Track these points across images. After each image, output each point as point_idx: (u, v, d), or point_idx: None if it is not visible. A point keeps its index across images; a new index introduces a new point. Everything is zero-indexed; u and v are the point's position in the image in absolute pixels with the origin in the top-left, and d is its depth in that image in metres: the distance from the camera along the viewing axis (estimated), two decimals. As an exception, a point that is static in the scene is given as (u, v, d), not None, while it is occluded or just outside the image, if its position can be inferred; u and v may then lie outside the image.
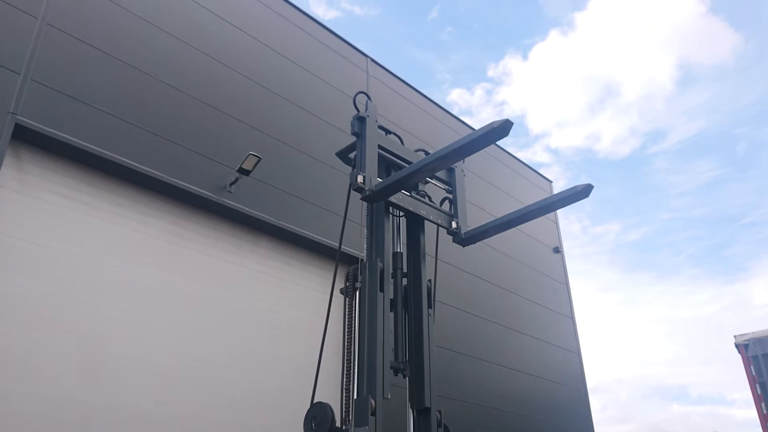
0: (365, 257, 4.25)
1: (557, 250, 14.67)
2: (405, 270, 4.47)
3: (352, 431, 3.61)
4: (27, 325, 6.01)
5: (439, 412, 4.05)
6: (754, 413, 11.30)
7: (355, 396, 3.79)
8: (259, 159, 7.68)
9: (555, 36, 54.61)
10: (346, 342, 4.07)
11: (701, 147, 55.03)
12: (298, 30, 10.37)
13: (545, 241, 14.40)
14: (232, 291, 7.90)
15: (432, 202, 4.75)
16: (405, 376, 4.10)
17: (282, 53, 9.83)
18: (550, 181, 15.78)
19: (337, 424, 3.73)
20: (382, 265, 4.09)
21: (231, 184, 7.99)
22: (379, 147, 4.51)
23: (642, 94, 51.16)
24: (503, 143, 15.15)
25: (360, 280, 4.14)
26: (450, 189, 4.95)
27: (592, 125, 56.19)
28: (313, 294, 8.80)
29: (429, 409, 3.97)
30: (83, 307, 6.45)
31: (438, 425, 3.99)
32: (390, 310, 4.12)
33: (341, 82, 10.59)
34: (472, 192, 7.98)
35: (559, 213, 15.64)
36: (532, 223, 13.22)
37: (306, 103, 9.79)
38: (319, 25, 10.85)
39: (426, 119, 12.44)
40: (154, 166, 7.33)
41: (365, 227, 4.44)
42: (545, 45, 55.67)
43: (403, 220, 4.74)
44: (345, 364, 4.01)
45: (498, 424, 10.67)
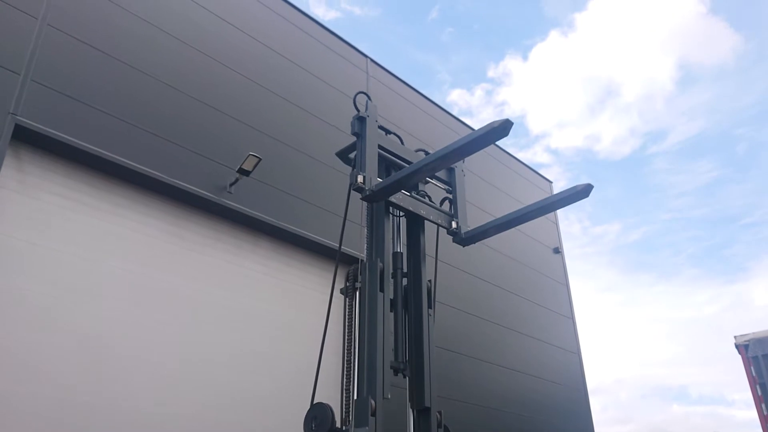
0: (365, 257, 4.25)
1: (557, 250, 14.67)
2: (405, 270, 4.47)
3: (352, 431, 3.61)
4: (27, 326, 6.01)
5: (439, 412, 4.04)
6: (754, 414, 11.28)
7: (355, 396, 3.79)
8: (259, 159, 7.69)
9: (555, 36, 54.66)
10: (346, 342, 4.07)
11: (701, 147, 55.07)
12: (298, 30, 10.37)
13: (545, 242, 14.40)
14: (232, 291, 7.90)
15: (432, 202, 4.75)
16: (405, 376, 4.10)
17: (282, 54, 9.84)
18: (550, 182, 15.78)
19: (337, 424, 3.73)
20: (382, 265, 4.09)
21: (231, 184, 7.99)
22: (379, 147, 4.51)
23: (642, 94, 51.20)
24: (503, 143, 15.15)
25: (360, 280, 4.13)
26: (450, 189, 4.95)
27: (592, 126, 56.23)
28: (313, 294, 8.80)
29: (429, 409, 3.96)
30: (83, 308, 6.45)
31: (438, 426, 3.98)
32: (390, 310, 4.11)
33: (341, 82, 10.59)
34: (472, 192, 7.98)
35: (559, 213, 15.65)
36: (532, 224, 13.23)
37: (306, 104, 9.79)
38: (319, 26, 10.86)
39: (426, 120, 12.44)
40: (154, 166, 7.33)
41: (365, 227, 4.43)
42: (545, 45, 55.72)
43: (403, 220, 4.74)
44: (345, 364, 4.01)
45: (498, 424, 10.67)
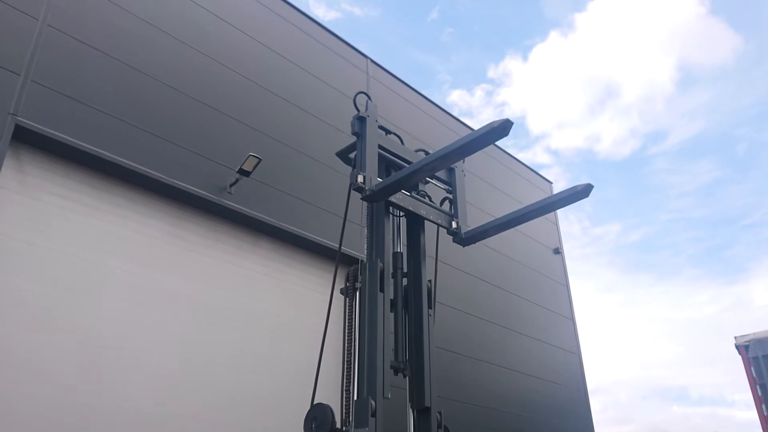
0: (365, 257, 4.24)
1: (557, 251, 14.66)
2: (405, 270, 4.46)
3: (351, 432, 3.61)
4: (27, 326, 6.01)
5: (439, 413, 4.03)
6: (754, 414, 11.28)
7: (355, 397, 3.78)
8: (260, 160, 7.68)
9: (555, 37, 54.68)
10: (346, 342, 4.05)
11: (701, 148, 55.09)
12: (298, 31, 10.38)
13: (545, 242, 14.40)
14: (232, 292, 7.90)
15: (432, 202, 4.75)
16: (405, 375, 4.09)
17: (282, 54, 9.84)
18: (550, 182, 15.78)
19: (337, 425, 3.72)
20: (382, 266, 4.08)
21: (231, 185, 7.99)
22: (380, 147, 4.50)
23: (642, 95, 51.21)
24: (503, 144, 15.16)
25: (360, 280, 4.13)
26: (450, 189, 4.94)
27: (592, 126, 56.24)
28: (313, 295, 8.80)
29: (429, 409, 3.96)
30: (83, 308, 6.45)
31: (438, 426, 3.97)
32: (390, 310, 4.10)
33: (341, 83, 10.59)
34: (472, 193, 7.98)
35: (560, 214, 15.64)
36: (532, 224, 13.22)
37: (306, 104, 9.79)
38: (319, 26, 10.86)
39: (426, 120, 12.44)
40: (153, 167, 7.33)
41: (365, 228, 4.43)
42: (545, 46, 55.74)
43: (404, 220, 4.73)
44: (345, 364, 4.00)
45: (498, 425, 10.66)
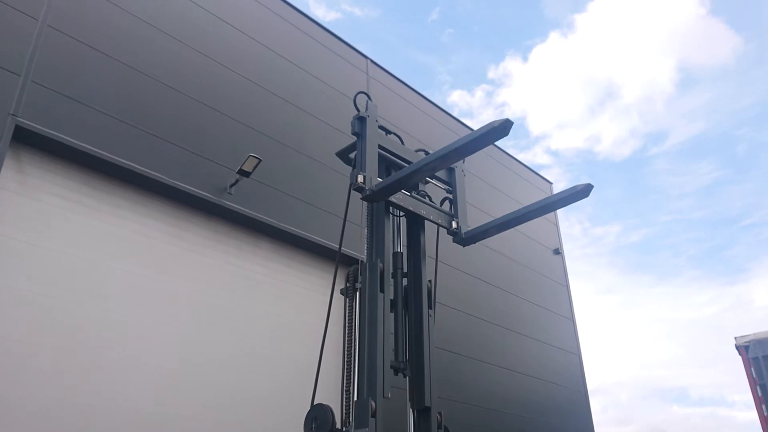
0: (365, 258, 4.24)
1: (557, 251, 14.66)
2: (405, 270, 4.46)
3: (351, 433, 3.60)
4: (27, 326, 6.00)
5: (440, 413, 4.03)
6: (754, 415, 11.26)
7: (356, 397, 3.78)
8: (260, 161, 7.68)
9: (555, 38, 54.65)
10: (346, 343, 4.05)
11: (701, 148, 55.05)
12: (298, 31, 10.38)
13: (545, 243, 14.40)
14: (232, 292, 7.89)
15: (432, 202, 4.74)
16: (405, 375, 4.09)
17: (282, 55, 9.84)
18: (550, 183, 15.78)
19: (338, 425, 3.71)
20: (382, 266, 4.08)
21: (231, 185, 7.99)
22: (380, 147, 4.50)
23: (642, 95, 51.19)
24: (503, 145, 15.16)
25: (360, 280, 4.12)
26: (450, 189, 4.94)
27: (592, 127, 56.19)
28: (314, 295, 8.80)
29: (429, 409, 3.96)
30: (83, 308, 6.44)
31: (438, 427, 3.97)
32: (390, 310, 4.10)
33: (341, 83, 10.59)
34: (472, 194, 7.97)
35: (560, 215, 15.65)
36: (532, 225, 13.22)
37: (306, 105, 9.79)
38: (319, 27, 10.86)
39: (426, 121, 12.45)
40: (153, 167, 7.32)
41: (365, 228, 4.43)
42: (545, 47, 55.70)
43: (404, 220, 4.73)
44: (345, 365, 4.00)
45: (498, 425, 10.65)
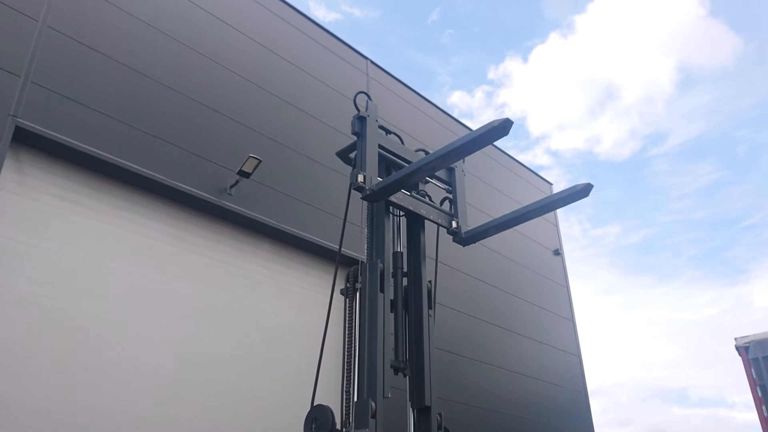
0: (365, 258, 4.24)
1: (557, 252, 14.65)
2: (405, 270, 4.45)
3: (351, 434, 3.59)
4: (27, 327, 6.00)
5: (440, 414, 4.02)
6: (754, 416, 11.24)
7: (356, 398, 3.77)
8: (260, 161, 7.68)
9: (555, 38, 54.65)
10: (346, 343, 4.04)
11: (702, 149, 55.03)
12: (298, 32, 10.39)
13: (545, 244, 14.39)
14: (232, 293, 7.89)
15: (432, 201, 4.74)
16: (405, 375, 4.08)
17: (282, 56, 9.85)
18: (550, 184, 15.78)
19: (337, 426, 3.70)
20: (382, 266, 4.07)
21: (231, 186, 7.99)
22: (380, 147, 4.50)
23: (642, 96, 51.17)
24: (503, 145, 15.17)
25: (360, 281, 4.12)
26: (450, 189, 4.94)
27: (592, 127, 56.18)
28: (313, 296, 8.79)
29: (429, 408, 3.95)
30: (83, 309, 6.44)
31: (438, 427, 3.96)
32: (390, 310, 4.10)
33: (341, 84, 10.60)
34: (472, 194, 7.97)
35: (560, 215, 15.64)
36: (532, 226, 13.22)
37: (306, 106, 9.79)
38: (319, 28, 10.87)
39: (426, 122, 12.45)
40: (154, 168, 7.32)
41: (365, 229, 4.42)
42: (545, 47, 55.70)
43: (404, 220, 4.73)
44: (345, 365, 3.99)
45: (498, 426, 10.64)
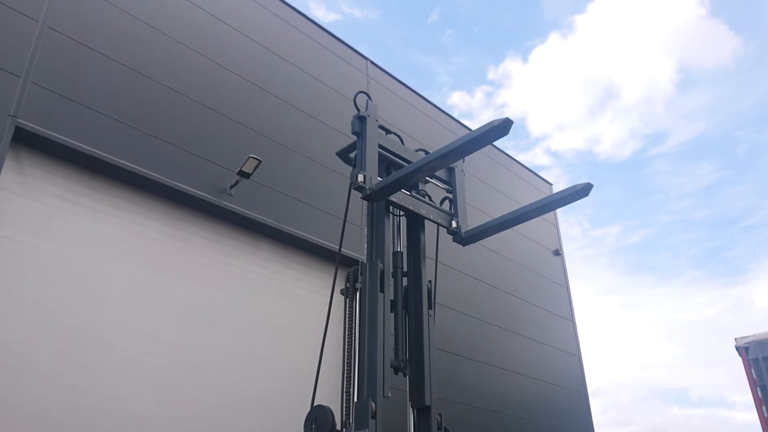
0: (365, 258, 4.23)
1: (557, 252, 14.65)
2: (405, 270, 4.45)
3: (352, 434, 3.59)
4: (27, 327, 6.00)
5: (440, 415, 4.02)
6: (754, 416, 11.24)
7: (356, 398, 3.77)
8: (260, 162, 7.68)
9: (555, 38, 54.66)
10: (346, 343, 4.03)
11: (702, 149, 55.03)
12: (298, 33, 10.39)
13: (545, 244, 14.39)
14: (232, 293, 7.89)
15: (432, 201, 4.74)
16: (405, 374, 4.08)
17: (282, 56, 9.85)
18: (550, 184, 15.77)
19: (338, 426, 3.70)
20: (382, 266, 4.07)
21: (231, 186, 7.99)
22: (380, 146, 4.50)
23: (642, 96, 51.18)
24: (503, 146, 15.17)
25: (360, 281, 4.12)
26: (450, 189, 4.94)
27: (592, 128, 56.17)
28: (313, 296, 8.79)
29: (429, 408, 3.95)
30: (83, 309, 6.44)
31: (438, 428, 3.96)
32: (390, 310, 4.10)
33: (341, 84, 10.60)
34: (472, 195, 7.97)
35: (559, 216, 15.64)
36: (532, 226, 13.22)
37: (306, 106, 9.80)
38: (319, 28, 10.87)
39: (426, 122, 12.45)
40: (154, 168, 7.32)
41: (365, 229, 4.42)
42: (545, 47, 55.71)
43: (404, 219, 4.73)
44: (345, 365, 3.98)
45: (499, 426, 10.64)
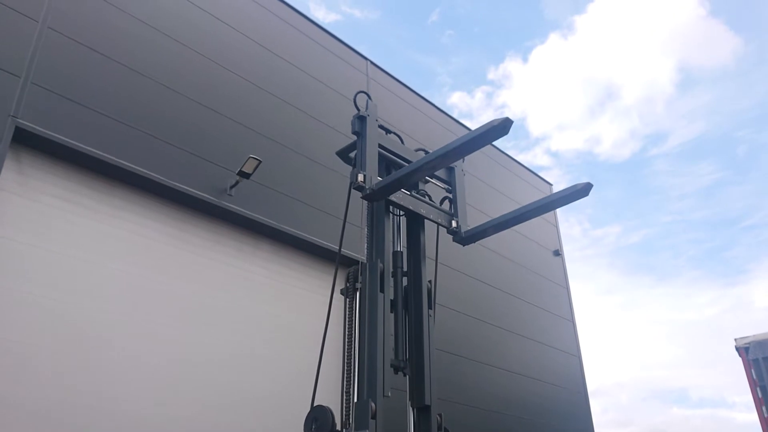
0: (365, 258, 4.23)
1: (557, 252, 14.65)
2: (405, 269, 4.45)
3: (351, 435, 3.58)
4: (27, 327, 6.00)
5: (440, 415, 4.02)
6: (754, 416, 11.23)
7: (356, 399, 3.76)
8: (260, 162, 7.68)
9: (555, 39, 54.67)
10: (346, 343, 4.02)
11: (702, 150, 55.05)
12: (298, 33, 10.39)
13: (545, 244, 14.39)
14: (232, 294, 7.89)
15: (432, 201, 4.74)
16: (405, 374, 4.08)
17: (282, 56, 9.85)
18: (550, 184, 15.77)
19: (338, 427, 3.69)
20: (382, 266, 4.07)
21: (231, 187, 7.99)
22: (380, 146, 4.49)
23: (642, 96, 51.20)
24: (503, 146, 15.17)
25: (360, 281, 4.11)
26: (450, 188, 4.93)
27: (592, 128, 56.18)
28: (313, 296, 8.79)
29: (429, 408, 3.94)
30: (83, 309, 6.44)
31: (438, 428, 3.96)
32: (390, 310, 4.09)
33: (341, 85, 10.60)
34: (472, 195, 7.97)
35: (559, 216, 15.64)
36: (532, 226, 13.22)
37: (306, 106, 9.80)
38: (320, 29, 10.87)
39: (426, 122, 12.45)
40: (154, 168, 7.33)
41: (365, 229, 4.42)
42: (545, 48, 55.73)
43: (404, 219, 4.72)
44: (345, 366, 3.98)
45: (499, 427, 10.64)
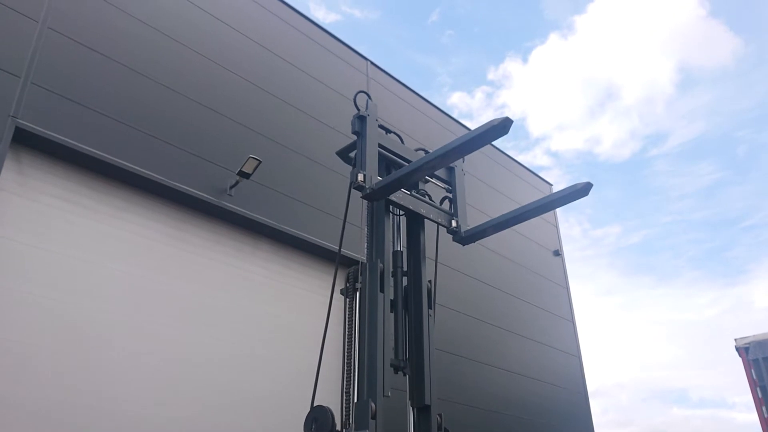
0: (365, 258, 4.23)
1: (557, 253, 14.64)
2: (405, 269, 4.45)
3: (351, 435, 3.58)
4: (27, 327, 6.00)
5: (440, 415, 4.02)
6: (754, 417, 11.24)
7: (356, 399, 3.76)
8: (260, 162, 7.69)
9: (555, 39, 54.70)
10: (346, 344, 4.03)
11: (702, 150, 55.07)
12: (298, 33, 10.39)
13: (545, 244, 14.39)
14: (232, 294, 7.89)
15: (432, 201, 4.74)
16: (405, 374, 4.08)
17: (282, 56, 9.85)
18: (550, 184, 15.77)
19: (338, 427, 3.69)
20: (382, 266, 4.07)
21: (231, 187, 7.99)
22: (380, 146, 4.50)
23: (642, 97, 51.22)
24: (503, 146, 15.18)
25: (360, 281, 4.12)
26: (450, 188, 4.94)
27: (592, 128, 56.21)
28: (313, 296, 8.79)
29: (429, 407, 3.94)
30: (83, 310, 6.44)
31: (438, 428, 3.96)
32: (390, 310, 4.09)
33: (341, 85, 10.60)
34: (472, 195, 7.98)
35: (559, 216, 15.64)
36: (532, 226, 13.22)
37: (306, 106, 9.80)
38: (319, 29, 10.88)
39: (426, 122, 12.46)
40: (154, 169, 7.33)
41: (365, 229, 4.42)
42: (545, 48, 55.76)
43: (404, 219, 4.72)
44: (345, 366, 3.98)
45: (498, 427, 10.63)
